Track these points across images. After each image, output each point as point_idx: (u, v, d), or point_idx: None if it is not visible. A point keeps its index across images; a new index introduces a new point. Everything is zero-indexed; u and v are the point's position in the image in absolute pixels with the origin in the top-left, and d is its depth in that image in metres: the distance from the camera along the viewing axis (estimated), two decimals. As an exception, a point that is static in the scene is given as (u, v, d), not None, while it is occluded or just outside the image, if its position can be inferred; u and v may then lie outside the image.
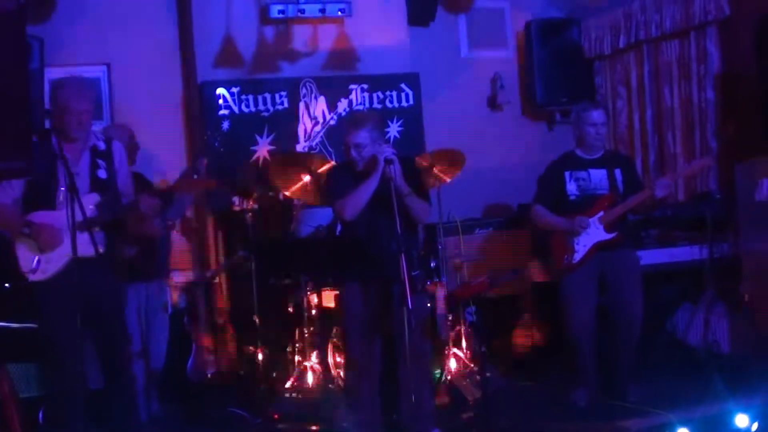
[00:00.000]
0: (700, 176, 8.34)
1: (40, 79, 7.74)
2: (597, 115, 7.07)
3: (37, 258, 5.88)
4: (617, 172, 7.09)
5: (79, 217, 5.39)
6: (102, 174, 6.06)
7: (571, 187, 7.08)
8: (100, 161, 6.07)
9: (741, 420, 6.02)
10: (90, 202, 5.82)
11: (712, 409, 6.38)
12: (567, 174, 7.10)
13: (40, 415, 6.55)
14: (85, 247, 5.48)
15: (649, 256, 7.72)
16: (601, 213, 6.96)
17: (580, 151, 7.16)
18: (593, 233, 6.95)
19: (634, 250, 7.28)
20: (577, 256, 6.99)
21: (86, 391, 6.09)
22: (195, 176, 6.43)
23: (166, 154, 8.49)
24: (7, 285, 6.92)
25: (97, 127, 6.46)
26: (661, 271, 7.83)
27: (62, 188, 5.72)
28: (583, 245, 6.96)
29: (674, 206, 8.33)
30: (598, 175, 7.06)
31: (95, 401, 6.15)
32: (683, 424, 6.05)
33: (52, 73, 7.99)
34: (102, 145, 6.14)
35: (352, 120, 6.81)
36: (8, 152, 4.20)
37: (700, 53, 8.49)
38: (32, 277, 5.89)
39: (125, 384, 6.19)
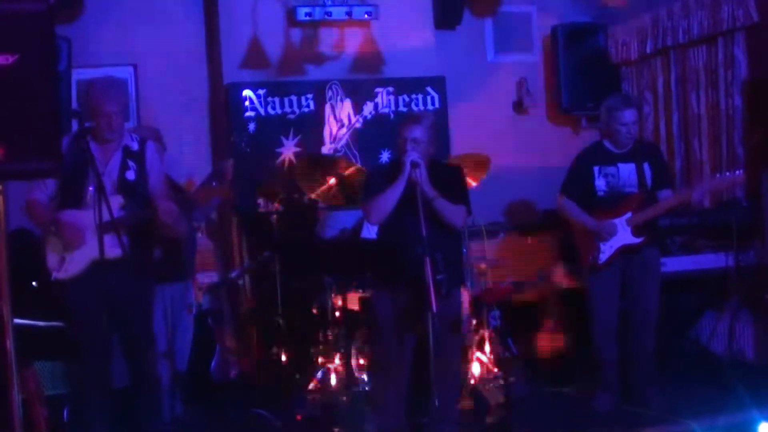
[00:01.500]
0: (728, 190, 8.26)
1: (67, 80, 7.80)
2: (629, 115, 6.98)
3: (61, 257, 5.94)
4: (646, 166, 7.02)
5: (105, 218, 5.41)
6: (130, 176, 6.10)
7: (600, 183, 7.04)
8: (130, 162, 6.11)
9: (765, 429, 5.96)
10: (114, 203, 5.85)
11: (735, 418, 6.36)
12: (596, 169, 7.06)
13: (65, 412, 6.58)
14: (110, 249, 5.50)
15: (674, 264, 7.69)
16: (629, 214, 6.92)
17: (609, 144, 7.12)
18: (620, 235, 6.93)
19: (656, 248, 7.21)
20: (603, 257, 6.97)
21: (111, 389, 6.14)
22: (214, 183, 6.38)
23: (191, 155, 8.54)
24: (34, 283, 6.99)
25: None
26: (685, 279, 7.79)
27: (90, 189, 5.77)
28: (609, 246, 6.94)
29: (700, 213, 8.28)
30: (627, 170, 7.01)
31: (121, 399, 6.19)
32: (706, 432, 6.04)
33: (79, 74, 8.05)
34: (135, 146, 6.19)
35: (409, 117, 6.81)
36: (38, 152, 4.21)
37: (727, 59, 8.45)
38: (55, 275, 5.96)
39: (149, 386, 6.22)
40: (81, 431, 6.10)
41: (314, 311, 7.65)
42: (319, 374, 7.25)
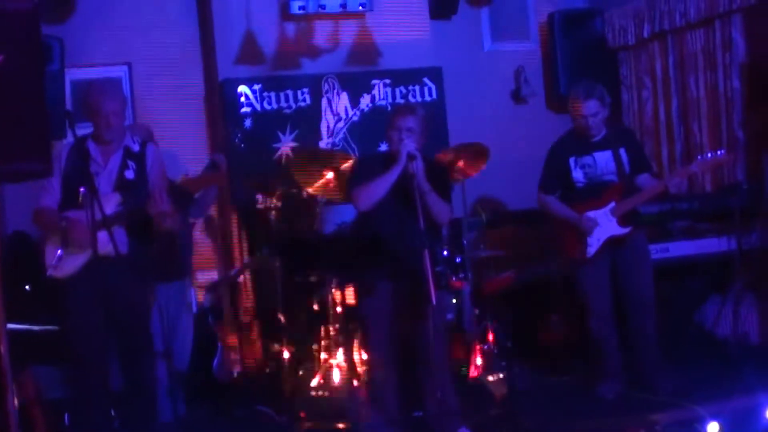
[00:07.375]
0: (720, 169, 8.19)
1: (60, 80, 7.76)
2: (586, 108, 6.81)
3: (59, 253, 5.89)
4: (622, 151, 6.87)
5: (98, 216, 5.37)
6: (129, 174, 6.09)
7: (578, 175, 6.90)
8: (130, 162, 6.11)
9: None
10: (112, 200, 5.82)
11: (742, 402, 6.29)
12: (572, 160, 6.91)
13: (66, 417, 6.54)
14: (103, 246, 5.47)
15: (677, 248, 7.66)
16: (613, 204, 6.81)
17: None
18: (606, 226, 6.80)
19: (641, 231, 7.09)
20: (591, 250, 6.84)
21: (110, 392, 6.10)
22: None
23: (188, 152, 8.47)
24: (27, 287, 6.94)
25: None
26: (688, 263, 7.75)
27: (81, 189, 5.73)
28: (596, 239, 6.82)
29: (701, 197, 8.24)
30: (604, 158, 6.86)
31: (119, 402, 6.16)
32: (713, 417, 5.97)
33: (73, 74, 8.02)
34: (136, 147, 6.19)
35: (402, 107, 6.76)
36: (26, 154, 4.18)
37: (725, 42, 8.40)
38: (50, 272, 5.91)
39: (144, 387, 6.18)
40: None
41: (315, 307, 7.61)
42: (322, 370, 7.21)
